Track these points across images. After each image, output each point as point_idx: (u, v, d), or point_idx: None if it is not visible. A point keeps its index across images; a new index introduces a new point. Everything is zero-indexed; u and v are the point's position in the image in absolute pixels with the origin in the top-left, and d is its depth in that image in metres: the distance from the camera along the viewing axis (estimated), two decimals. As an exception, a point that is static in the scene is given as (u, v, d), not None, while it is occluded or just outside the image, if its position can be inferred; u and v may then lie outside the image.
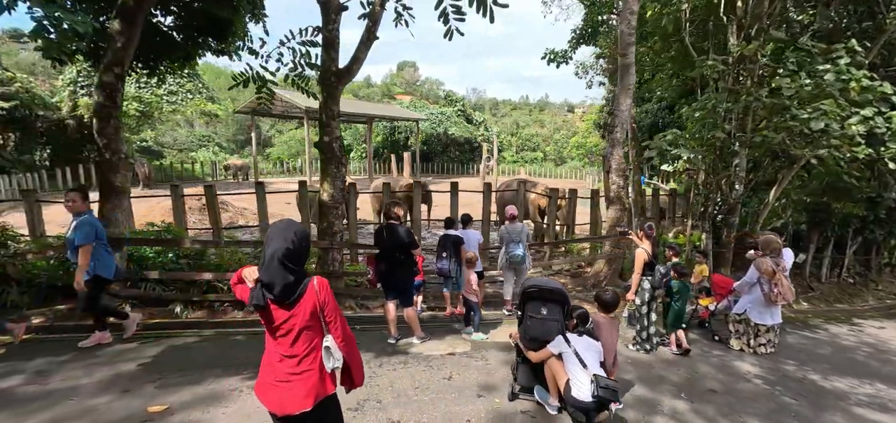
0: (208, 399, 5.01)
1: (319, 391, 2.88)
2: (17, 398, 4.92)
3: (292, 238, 2.81)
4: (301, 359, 2.85)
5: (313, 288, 2.84)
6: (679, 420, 5.10)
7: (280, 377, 2.86)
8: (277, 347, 2.88)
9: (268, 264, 2.77)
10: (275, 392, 2.87)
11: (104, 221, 7.54)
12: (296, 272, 2.81)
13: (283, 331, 2.83)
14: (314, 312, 2.84)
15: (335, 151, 8.11)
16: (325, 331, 2.91)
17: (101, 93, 7.32)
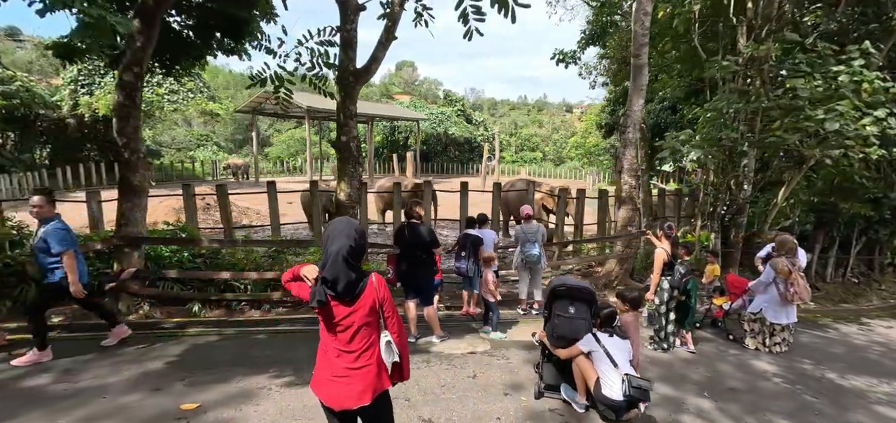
0: (238, 398, 5.04)
1: (377, 386, 2.92)
2: (48, 396, 4.94)
3: (354, 236, 2.85)
4: (359, 355, 2.89)
5: (372, 284, 2.89)
6: (706, 418, 5.15)
7: (338, 372, 2.90)
8: (335, 343, 2.91)
9: (332, 262, 2.80)
10: (333, 387, 2.91)
11: (123, 220, 7.57)
12: (357, 269, 2.86)
13: (342, 327, 2.86)
14: (373, 308, 2.88)
15: (352, 151, 8.13)
16: (382, 327, 2.95)
17: (121, 92, 7.31)
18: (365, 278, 2.89)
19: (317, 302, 2.80)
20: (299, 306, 8.28)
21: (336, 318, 2.86)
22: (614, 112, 33.99)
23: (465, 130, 50.83)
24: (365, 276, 2.90)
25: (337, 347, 2.91)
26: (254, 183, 32.50)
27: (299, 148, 57.97)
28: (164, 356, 6.03)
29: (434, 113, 51.39)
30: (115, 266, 7.59)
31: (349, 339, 2.88)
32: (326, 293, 2.80)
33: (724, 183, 11.01)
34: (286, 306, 8.29)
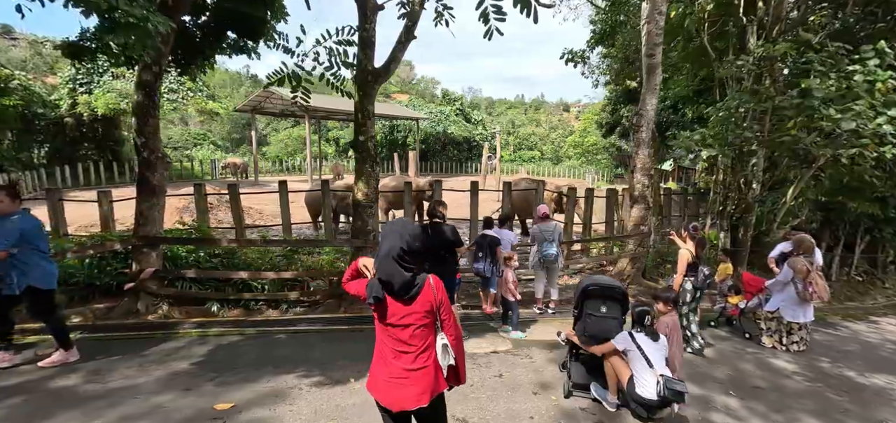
0: (270, 397, 5.04)
1: (434, 387, 2.94)
2: (80, 396, 4.92)
3: (407, 237, 2.87)
4: (416, 356, 2.91)
5: (430, 286, 2.90)
6: (735, 417, 5.19)
7: (395, 373, 2.92)
8: (392, 343, 2.94)
9: (383, 261, 2.85)
10: (390, 389, 2.92)
11: (142, 219, 7.55)
12: (411, 269, 2.87)
13: (399, 327, 2.89)
14: (430, 309, 2.90)
15: (370, 151, 8.13)
16: (439, 329, 2.96)
17: (140, 92, 7.30)
18: (422, 278, 2.90)
19: (373, 298, 2.84)
20: (316, 306, 8.29)
21: (392, 317, 2.90)
22: (615, 111, 34.14)
23: (463, 130, 50.81)
24: (422, 277, 2.91)
25: (394, 347, 2.93)
26: (254, 183, 32.40)
27: (297, 147, 57.86)
28: (189, 357, 6.02)
29: (433, 112, 51.36)
30: (134, 266, 7.56)
31: (406, 339, 2.90)
32: (382, 291, 2.84)
33: (734, 182, 11.06)
34: (303, 305, 8.28)
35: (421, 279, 2.89)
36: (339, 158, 50.95)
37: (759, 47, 9.76)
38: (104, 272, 7.82)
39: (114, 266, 7.93)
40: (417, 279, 2.88)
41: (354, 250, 8.52)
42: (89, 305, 7.62)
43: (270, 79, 8.10)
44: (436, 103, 58.20)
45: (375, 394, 3.00)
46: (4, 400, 4.76)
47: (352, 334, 7.20)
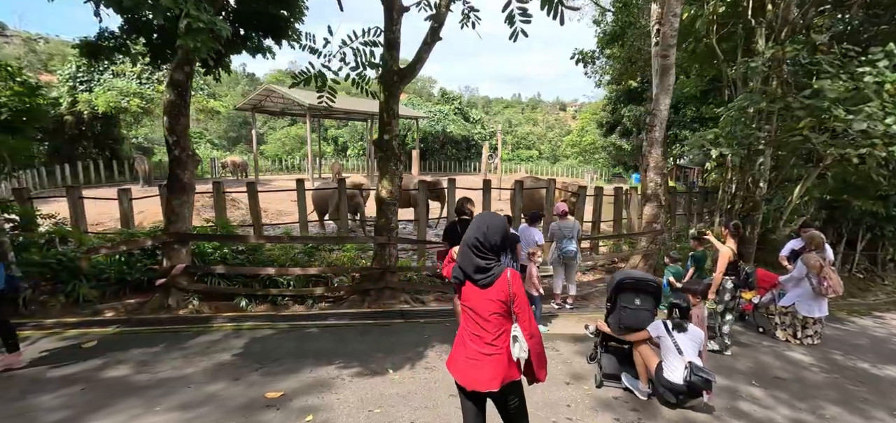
0: (316, 387, 5.22)
1: (506, 375, 3.09)
2: (136, 386, 5.09)
3: (484, 229, 3.06)
4: (489, 342, 3.08)
5: (506, 279, 3.04)
6: (762, 405, 5.41)
7: (470, 354, 3.13)
8: (468, 326, 3.16)
9: (462, 249, 3.11)
10: (465, 369, 3.14)
11: (173, 216, 7.70)
12: (487, 260, 3.05)
13: (473, 311, 3.10)
14: (504, 300, 3.04)
15: (394, 149, 8.31)
16: (513, 321, 3.09)
17: (172, 91, 7.44)
18: (499, 269, 3.06)
19: (452, 279, 3.16)
20: (341, 302, 8.47)
21: (467, 301, 3.13)
22: (616, 110, 34.42)
23: (462, 129, 50.96)
24: (500, 268, 3.07)
25: (471, 330, 3.14)
26: (254, 181, 32.41)
27: (295, 146, 57.85)
28: (229, 349, 6.18)
29: (432, 111, 51.49)
30: (165, 262, 7.71)
31: (480, 324, 3.10)
32: (462, 276, 3.09)
33: (743, 181, 11.30)
34: (328, 301, 8.45)
35: (497, 270, 3.05)
36: (338, 157, 51.05)
37: (769, 49, 9.99)
38: (134, 268, 7.96)
39: (143, 262, 8.08)
40: (493, 269, 3.04)
41: (377, 247, 8.69)
42: (121, 300, 7.77)
43: (296, 78, 8.24)
44: (433, 102, 58.31)
45: (452, 371, 3.22)
46: (63, 389, 4.92)
47: (381, 327, 7.39)
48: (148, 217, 13.77)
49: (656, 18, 12.42)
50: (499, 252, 3.09)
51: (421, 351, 6.38)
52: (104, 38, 8.85)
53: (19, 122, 6.92)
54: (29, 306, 7.09)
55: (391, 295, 8.67)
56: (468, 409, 3.26)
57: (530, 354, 3.08)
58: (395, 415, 4.70)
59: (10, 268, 6.87)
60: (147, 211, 14.06)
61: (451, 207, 11.00)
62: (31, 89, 7.38)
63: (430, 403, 4.98)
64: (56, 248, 7.76)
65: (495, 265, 3.06)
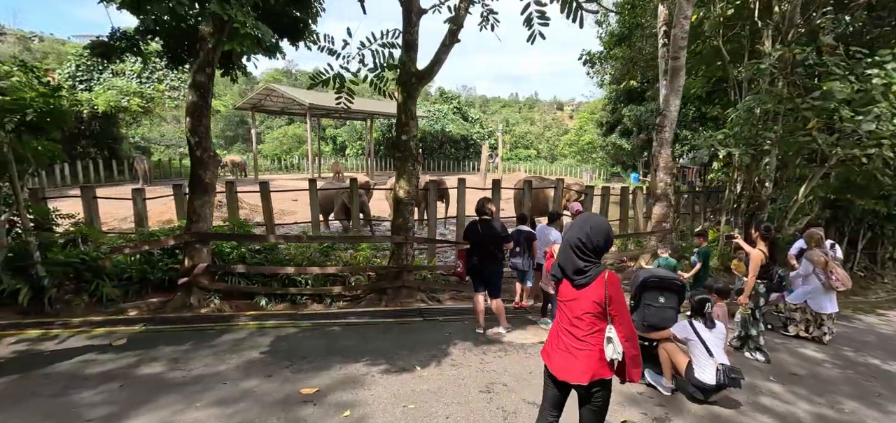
0: (347, 383, 5.32)
1: (596, 371, 3.17)
2: (172, 382, 5.18)
3: (587, 231, 3.16)
4: (582, 338, 3.21)
5: (603, 280, 3.12)
6: (782, 400, 5.55)
7: (562, 346, 3.30)
8: (563, 320, 3.33)
9: (563, 247, 3.27)
10: (557, 358, 3.31)
11: (195, 216, 7.78)
12: (586, 260, 3.15)
13: (568, 307, 3.26)
14: (599, 301, 3.12)
15: (412, 150, 8.41)
16: (608, 321, 3.17)
17: (194, 92, 7.52)
18: (597, 271, 3.15)
19: (551, 276, 3.38)
20: (358, 301, 8.56)
21: (563, 296, 3.30)
22: (616, 110, 34.61)
23: (461, 128, 51.13)
24: (597, 269, 3.16)
25: (564, 324, 3.32)
26: (254, 181, 32.46)
27: (292, 145, 57.87)
28: (256, 346, 6.28)
29: (430, 110, 51.60)
30: (186, 261, 7.79)
31: (573, 320, 3.24)
32: (560, 273, 3.26)
33: (750, 180, 11.46)
34: (346, 300, 8.55)
35: (595, 271, 3.13)
36: (337, 156, 51.08)
37: (777, 50, 10.14)
38: (156, 268, 8.05)
39: (165, 261, 8.17)
40: (591, 270, 3.14)
41: (394, 246, 8.80)
42: (144, 299, 7.85)
43: (314, 79, 8.33)
44: (430, 101, 58.43)
45: (545, 359, 3.43)
46: (102, 385, 5.01)
47: (401, 325, 7.50)
48: (153, 216, 13.77)
49: (663, 20, 12.59)
50: (600, 253, 3.19)
51: (444, 349, 6.49)
52: (116, 38, 8.92)
53: (44, 122, 6.98)
54: (54, 305, 7.16)
55: (408, 294, 8.78)
56: (551, 396, 3.44)
57: (625, 356, 3.15)
58: (429, 411, 4.81)
59: (35, 267, 6.98)
60: (151, 211, 14.10)
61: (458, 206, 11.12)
62: (53, 90, 7.44)
63: (462, 399, 5.09)
64: (78, 247, 7.81)
65: (593, 267, 3.15)
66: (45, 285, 7.05)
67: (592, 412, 3.27)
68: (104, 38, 8.88)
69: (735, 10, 11.64)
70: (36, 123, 6.92)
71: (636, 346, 3.20)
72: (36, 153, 7.21)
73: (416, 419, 4.65)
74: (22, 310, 6.97)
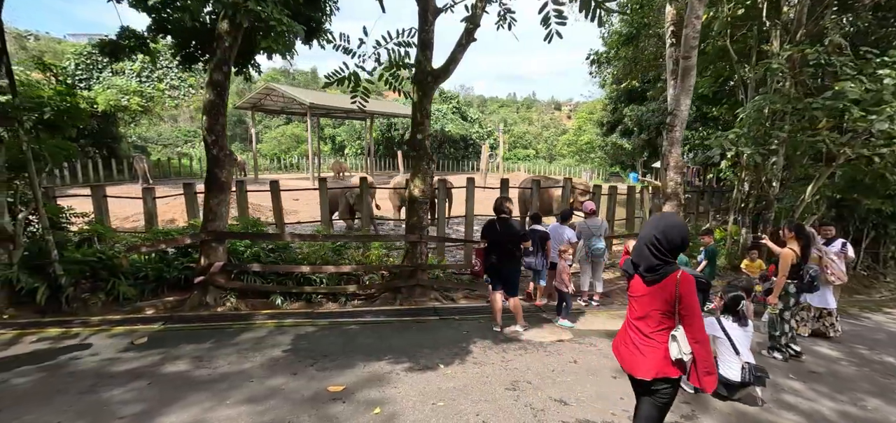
0: (373, 381, 5.32)
1: (661, 369, 3.18)
2: (199, 380, 5.18)
3: (664, 227, 3.18)
4: (648, 335, 3.24)
5: (674, 279, 3.10)
6: (805, 397, 5.58)
7: (629, 341, 3.38)
8: (631, 315, 3.41)
9: (637, 244, 3.30)
10: (626, 351, 3.41)
11: (211, 215, 7.76)
12: (660, 259, 3.15)
13: (637, 302, 3.31)
14: (669, 299, 3.12)
15: (426, 148, 8.42)
16: (677, 322, 3.17)
17: (211, 91, 7.51)
18: (669, 269, 3.14)
19: (622, 270, 3.43)
20: (372, 300, 8.56)
21: (633, 292, 3.35)
22: (616, 110, 34.70)
23: (460, 128, 51.13)
24: (670, 268, 3.15)
25: (631, 319, 3.38)
26: (254, 180, 32.40)
27: (291, 144, 57.76)
28: (277, 345, 6.28)
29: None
30: (203, 260, 7.77)
31: (640, 316, 3.29)
32: (632, 268, 3.32)
33: (758, 180, 11.52)
34: (360, 298, 8.55)
35: (667, 270, 3.12)
36: (337, 155, 51.03)
37: (787, 50, 10.19)
38: (171, 266, 8.03)
39: (180, 260, 8.15)
40: (663, 269, 3.14)
41: (409, 245, 8.80)
42: (159, 297, 7.84)
43: (329, 78, 8.31)
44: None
45: (615, 352, 3.55)
46: (131, 383, 5.01)
47: (419, 324, 7.51)
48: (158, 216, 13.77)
49: (670, 20, 12.63)
50: (676, 252, 3.19)
51: (465, 347, 6.50)
52: (125, 37, 8.90)
53: (61, 121, 6.96)
54: (71, 304, 7.14)
55: (422, 293, 8.79)
56: (635, 389, 3.51)
57: (695, 359, 3.13)
58: (458, 408, 4.82)
59: (53, 266, 6.96)
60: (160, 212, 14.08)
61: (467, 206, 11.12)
62: (68, 88, 7.41)
63: (489, 397, 5.10)
64: (93, 246, 7.79)
65: (666, 266, 3.15)
66: (63, 284, 7.04)
67: (654, 406, 3.30)
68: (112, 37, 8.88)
69: (745, 10, 11.69)
70: (53, 121, 6.90)
71: (707, 351, 3.15)
72: (52, 151, 7.18)
73: (446, 416, 4.66)
74: (39, 309, 6.95)
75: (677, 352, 3.09)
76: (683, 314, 3.10)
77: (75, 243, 8.01)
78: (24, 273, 6.83)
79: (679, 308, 3.09)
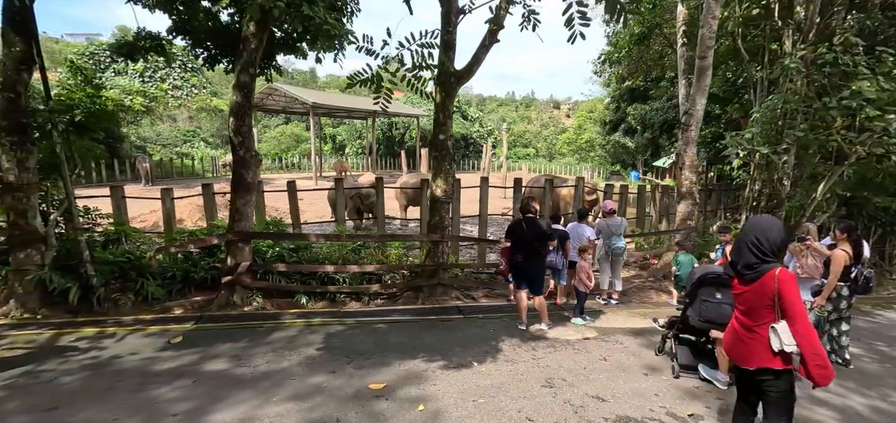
0: (411, 379, 5.41)
1: (764, 360, 3.36)
2: (241, 378, 5.25)
3: (764, 229, 3.39)
4: (751, 328, 3.45)
5: (773, 276, 3.27)
6: (834, 393, 5.67)
7: (735, 334, 3.63)
8: (736, 311, 3.66)
9: (739, 245, 3.51)
10: (732, 343, 3.67)
11: (237, 215, 7.83)
12: (759, 258, 3.35)
13: (739, 300, 3.58)
14: (768, 295, 3.29)
15: (448, 149, 8.50)
16: (778, 316, 3.29)
17: (238, 93, 7.56)
18: (766, 268, 3.31)
19: (724, 271, 3.81)
20: (395, 299, 8.64)
21: (736, 290, 3.61)
22: (619, 109, 34.85)
23: (461, 127, 51.18)
24: (768, 267, 3.31)
25: (737, 314, 3.65)
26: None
27: (290, 144, 57.67)
28: (310, 343, 6.35)
29: (431, 109, 51.61)
30: (229, 260, 7.83)
31: (743, 311, 3.54)
32: (731, 268, 3.58)
33: (770, 178, 11.63)
34: (383, 298, 8.62)
35: (764, 268, 3.31)
36: (337, 155, 51.04)
37: (800, 49, 10.30)
38: (198, 267, 8.09)
39: (206, 261, 8.21)
40: (760, 268, 3.33)
41: (431, 244, 8.88)
42: (187, 297, 7.89)
43: (352, 80, 8.38)
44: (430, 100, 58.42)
45: (725, 345, 3.80)
46: (176, 382, 5.08)
47: (444, 323, 7.58)
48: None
49: (682, 20, 12.73)
50: (776, 252, 3.36)
51: (494, 345, 6.58)
52: (141, 38, 8.97)
53: (91, 122, 7.02)
54: (102, 304, 7.20)
55: (443, 292, 8.87)
56: (739, 382, 3.82)
57: (804, 356, 3.18)
58: (498, 405, 4.90)
59: (85, 266, 7.02)
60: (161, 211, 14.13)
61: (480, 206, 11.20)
62: (97, 89, 7.47)
63: (527, 393, 5.18)
64: (121, 246, 7.84)
65: (763, 264, 3.32)
66: (94, 284, 7.10)
67: (769, 403, 3.47)
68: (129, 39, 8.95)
69: (759, 9, 11.80)
70: (83, 123, 6.95)
71: (813, 346, 3.15)
72: (81, 153, 7.23)
73: (489, 412, 4.74)
74: (71, 309, 7.02)
75: (778, 344, 3.25)
76: (784, 309, 3.24)
77: (101, 243, 8.07)
78: (56, 274, 6.89)
79: (780, 304, 3.24)
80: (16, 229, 6.77)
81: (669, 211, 13.92)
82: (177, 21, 8.95)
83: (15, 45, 6.52)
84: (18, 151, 6.54)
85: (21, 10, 6.57)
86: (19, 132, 6.53)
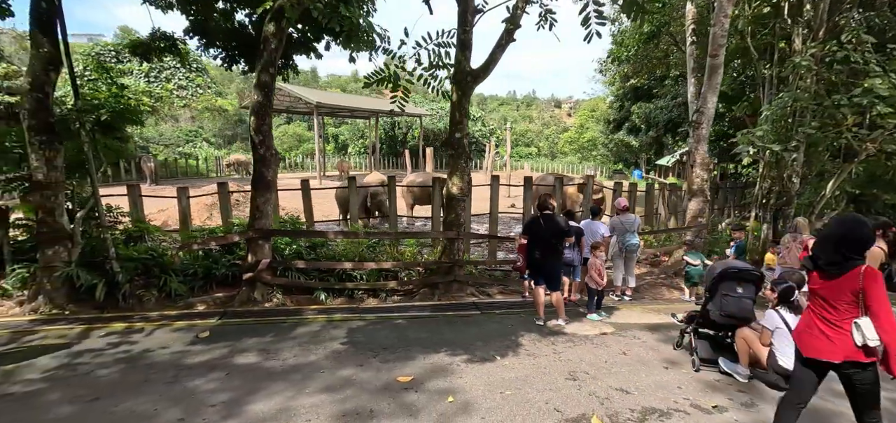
0: (437, 372, 5.50)
1: (849, 353, 3.44)
2: (272, 371, 5.36)
3: (851, 226, 3.45)
4: (833, 322, 3.51)
5: (857, 273, 3.36)
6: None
7: (815, 329, 3.63)
8: (814, 305, 3.68)
9: (822, 241, 3.62)
10: (810, 339, 3.66)
11: (258, 213, 7.93)
12: (842, 254, 3.42)
13: (822, 293, 3.58)
14: (852, 290, 3.39)
15: (465, 147, 8.62)
16: (862, 312, 3.40)
17: (259, 92, 7.67)
18: (850, 264, 3.40)
19: (802, 265, 3.88)
20: (412, 295, 8.74)
21: (814, 284, 3.65)
22: (622, 107, 34.96)
23: (463, 126, 51.20)
24: (851, 263, 3.40)
25: (815, 309, 3.66)
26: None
27: (292, 143, 57.81)
28: (334, 338, 6.46)
29: (433, 109, 51.72)
30: (250, 257, 7.94)
31: (824, 306, 3.56)
32: (812, 263, 3.62)
33: (779, 176, 11.73)
34: (399, 294, 8.73)
35: (849, 265, 3.39)
36: (340, 154, 51.12)
37: (811, 47, 10.39)
38: (219, 263, 8.20)
39: (227, 258, 8.32)
40: (845, 265, 3.40)
41: (447, 241, 8.98)
42: (209, 293, 8.01)
43: (369, 79, 8.48)
44: (429, 99, 58.48)
45: (799, 344, 3.79)
46: (210, 374, 5.19)
47: (462, 318, 7.69)
48: (173, 214, 13.88)
49: (691, 19, 12.83)
50: (862, 249, 3.42)
51: (514, 340, 6.67)
52: (157, 39, 9.09)
53: (116, 122, 7.13)
54: (128, 300, 7.31)
55: (458, 288, 8.98)
56: (803, 378, 3.81)
57: (887, 350, 3.27)
58: (525, 397, 5.00)
59: (111, 263, 7.13)
60: (170, 210, 14.26)
61: (491, 203, 11.30)
62: (121, 88, 7.59)
63: (552, 386, 5.28)
64: (145, 243, 7.95)
65: (847, 261, 3.40)
66: (119, 281, 7.21)
67: (859, 395, 3.57)
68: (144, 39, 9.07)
69: (770, 7, 11.91)
70: (109, 122, 7.06)
71: None
72: (106, 152, 7.34)
73: (517, 403, 4.84)
74: (97, 304, 7.14)
75: (861, 339, 3.33)
76: (868, 305, 3.33)
77: (122, 240, 8.18)
78: (82, 270, 7.00)
79: (865, 300, 3.34)
80: (44, 227, 6.89)
81: (678, 209, 14.02)
82: (193, 22, 9.06)
83: (43, 47, 6.64)
84: (47, 149, 6.66)
85: (48, 11, 6.68)
86: (48, 131, 6.65)
